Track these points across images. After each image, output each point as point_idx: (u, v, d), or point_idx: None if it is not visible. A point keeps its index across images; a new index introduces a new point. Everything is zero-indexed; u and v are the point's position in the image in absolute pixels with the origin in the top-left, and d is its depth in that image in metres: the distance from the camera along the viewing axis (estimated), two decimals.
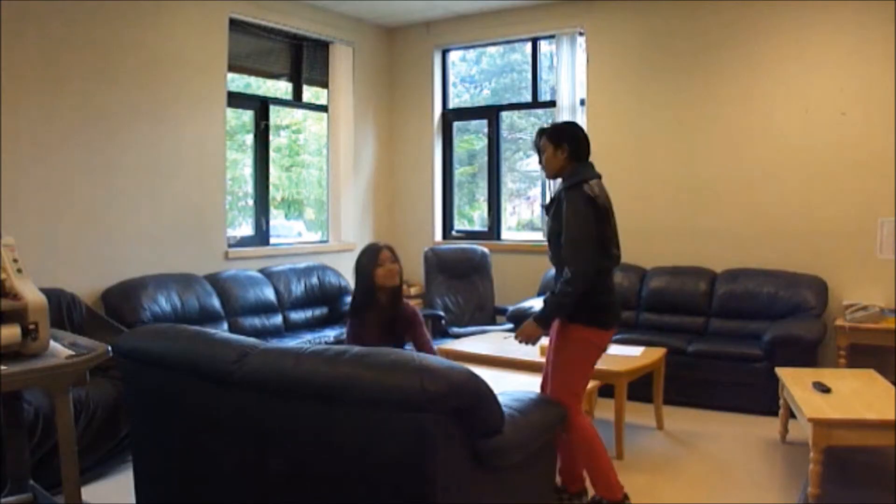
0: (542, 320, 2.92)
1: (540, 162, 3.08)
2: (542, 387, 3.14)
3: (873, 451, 3.67)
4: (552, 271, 5.60)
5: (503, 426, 2.22)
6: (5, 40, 3.90)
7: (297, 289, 5.45)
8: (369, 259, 3.38)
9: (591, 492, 3.08)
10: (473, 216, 6.89)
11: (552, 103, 6.10)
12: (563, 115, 5.92)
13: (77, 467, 2.47)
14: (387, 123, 6.70)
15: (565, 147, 2.98)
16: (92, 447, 3.40)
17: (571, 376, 2.97)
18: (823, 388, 3.45)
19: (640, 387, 4.15)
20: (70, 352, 2.46)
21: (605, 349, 3.09)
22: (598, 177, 2.98)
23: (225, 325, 4.77)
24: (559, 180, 3.05)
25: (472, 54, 6.87)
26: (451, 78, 6.73)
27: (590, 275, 2.84)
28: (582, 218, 2.83)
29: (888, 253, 4.77)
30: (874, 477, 3.49)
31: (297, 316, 5.40)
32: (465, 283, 5.84)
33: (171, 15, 4.83)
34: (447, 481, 2.04)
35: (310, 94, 6.17)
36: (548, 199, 3.05)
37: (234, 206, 5.73)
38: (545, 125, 3.07)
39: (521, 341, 3.03)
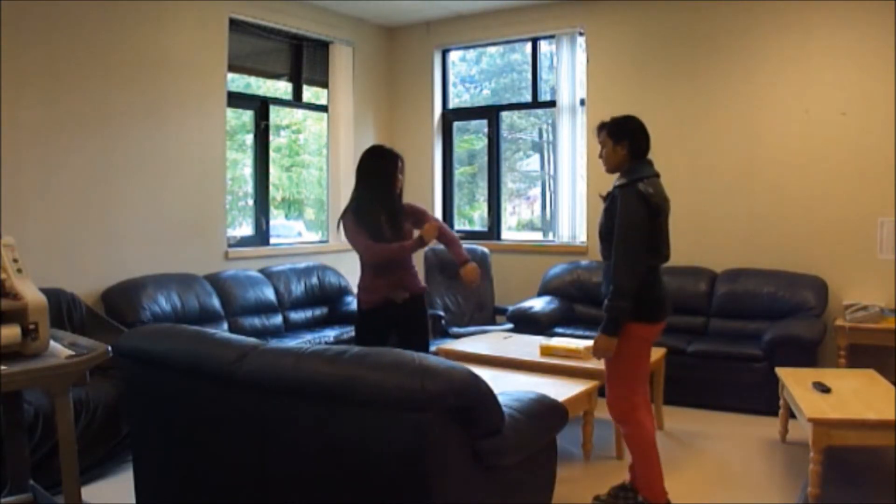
0: (611, 329, 2.88)
1: (600, 156, 3.07)
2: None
3: (873, 451, 3.67)
4: (553, 270, 5.73)
5: (503, 426, 2.22)
6: (5, 40, 3.90)
7: (297, 289, 5.45)
8: (391, 164, 3.50)
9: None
10: (473, 216, 6.89)
11: (552, 103, 6.10)
12: (563, 116, 5.93)
13: (77, 467, 2.46)
14: (387, 123, 6.70)
15: (626, 143, 2.97)
16: (92, 447, 3.40)
17: (629, 373, 3.00)
18: (823, 388, 3.45)
19: None
20: (70, 352, 2.46)
21: (653, 342, 3.13)
22: (656, 175, 2.98)
23: (225, 325, 4.77)
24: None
25: (472, 54, 6.88)
26: (451, 78, 6.73)
27: (638, 274, 2.86)
28: (633, 217, 2.84)
29: (888, 253, 4.77)
30: (874, 477, 3.49)
31: (297, 316, 5.40)
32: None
33: (171, 15, 4.83)
34: (447, 481, 2.04)
35: (310, 94, 6.17)
36: (604, 193, 3.09)
37: (234, 206, 5.73)
38: (606, 119, 3.08)
39: (599, 357, 3.01)
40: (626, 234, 2.84)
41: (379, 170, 3.50)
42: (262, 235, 5.72)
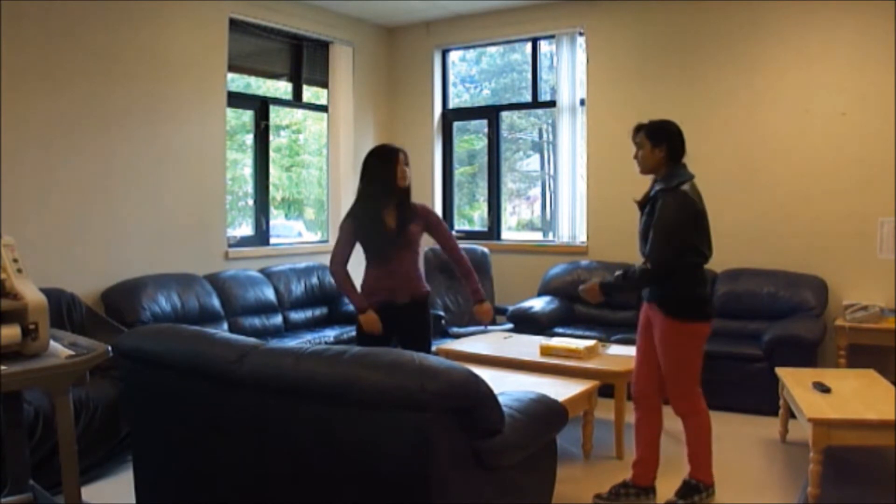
0: (608, 288, 3.10)
1: (635, 157, 3.16)
2: (637, 381, 3.28)
3: (873, 451, 3.67)
4: (553, 270, 5.74)
5: (503, 426, 2.22)
6: (5, 40, 3.90)
7: (297, 289, 5.45)
8: (389, 159, 3.43)
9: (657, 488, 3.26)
10: (473, 216, 6.89)
11: (552, 103, 6.10)
12: (564, 116, 5.93)
13: (77, 467, 2.46)
14: (387, 123, 6.70)
15: (664, 147, 3.08)
16: (92, 447, 3.40)
17: (691, 369, 3.13)
18: (823, 388, 3.45)
19: None
20: (70, 352, 2.46)
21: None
22: (692, 177, 3.09)
23: (225, 325, 4.77)
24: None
25: (472, 54, 6.88)
26: (451, 78, 6.73)
27: (668, 269, 2.98)
28: (674, 218, 2.96)
29: (888, 253, 4.77)
30: (874, 477, 3.49)
31: (297, 316, 5.40)
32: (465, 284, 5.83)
33: (171, 15, 4.83)
34: (447, 481, 2.04)
35: (310, 94, 6.17)
36: (640, 196, 3.24)
37: (234, 206, 5.73)
38: (643, 122, 3.18)
39: (582, 294, 3.22)
40: (669, 236, 2.95)
41: (381, 167, 3.43)
42: (262, 235, 5.72)
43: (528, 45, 6.30)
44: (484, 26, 6.25)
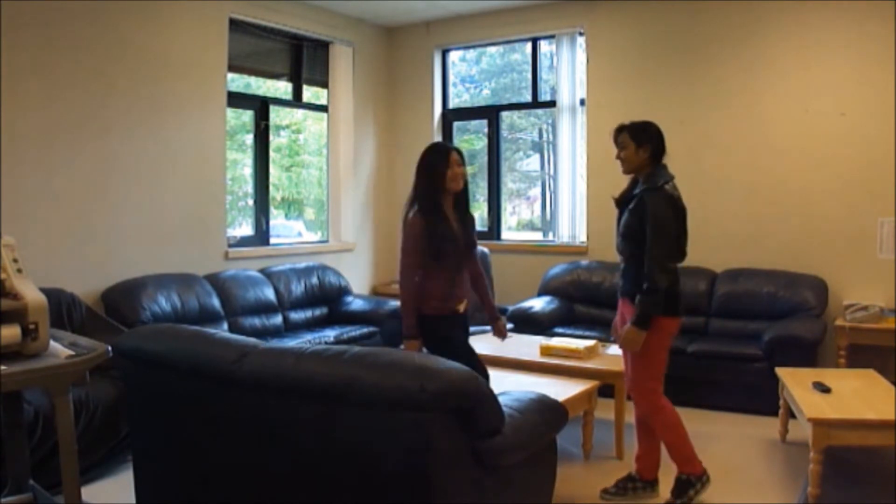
0: (643, 322, 3.02)
1: (618, 157, 3.20)
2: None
3: (873, 451, 3.67)
4: (553, 270, 5.73)
5: (503, 426, 2.22)
6: (5, 41, 3.90)
7: (297, 289, 5.45)
8: (439, 160, 3.23)
9: (661, 486, 3.29)
10: (473, 216, 6.88)
11: (552, 103, 6.10)
12: (564, 116, 5.93)
13: (77, 467, 2.46)
14: (387, 123, 6.70)
15: (648, 147, 3.11)
16: (92, 447, 3.40)
17: (653, 364, 3.14)
18: (823, 388, 3.45)
19: None
20: (70, 352, 2.46)
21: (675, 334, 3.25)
22: (673, 177, 3.13)
23: (225, 325, 4.77)
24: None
25: (472, 54, 6.88)
26: (451, 78, 6.73)
27: (670, 272, 3.04)
28: (666, 221, 3.02)
29: (888, 253, 4.77)
30: (874, 477, 3.49)
31: (297, 316, 5.40)
32: None
33: (171, 15, 4.83)
34: (447, 481, 2.04)
35: (310, 94, 6.17)
36: (617, 195, 3.31)
37: (234, 206, 5.73)
38: (625, 122, 3.20)
39: (628, 349, 3.14)
40: (660, 236, 3.00)
41: (430, 167, 3.23)
42: (262, 235, 5.72)
43: (528, 45, 6.30)
44: (484, 26, 6.25)
